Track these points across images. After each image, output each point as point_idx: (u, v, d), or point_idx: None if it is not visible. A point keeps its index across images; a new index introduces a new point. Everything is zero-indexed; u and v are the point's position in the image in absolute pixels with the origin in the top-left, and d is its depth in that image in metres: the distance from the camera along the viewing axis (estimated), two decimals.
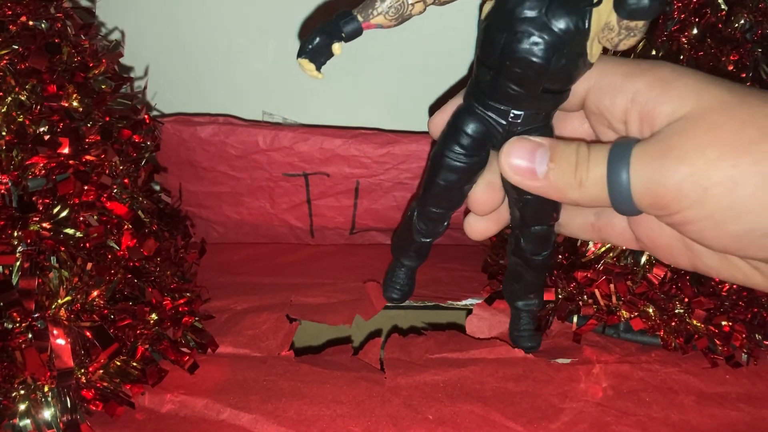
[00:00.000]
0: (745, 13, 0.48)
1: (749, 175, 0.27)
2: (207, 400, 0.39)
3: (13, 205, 0.36)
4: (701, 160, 0.28)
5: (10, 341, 0.35)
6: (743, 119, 0.28)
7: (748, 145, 0.27)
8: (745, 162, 0.27)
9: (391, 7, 0.32)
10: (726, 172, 0.27)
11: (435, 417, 0.37)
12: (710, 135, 0.28)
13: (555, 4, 0.31)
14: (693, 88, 0.29)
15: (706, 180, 0.27)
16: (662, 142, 0.29)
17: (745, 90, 0.29)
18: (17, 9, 0.37)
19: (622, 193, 0.30)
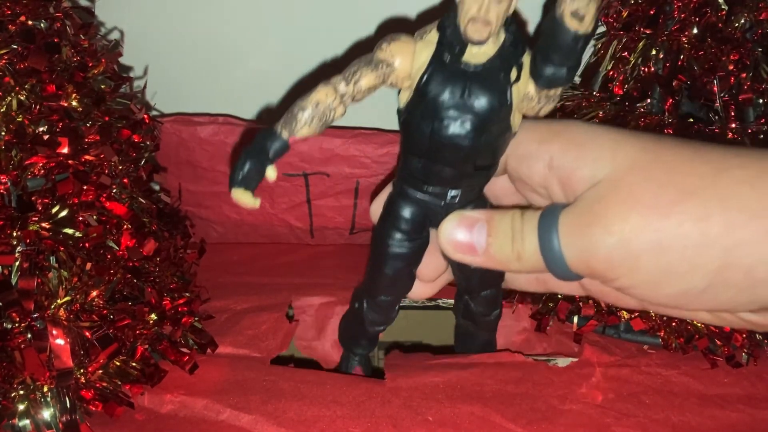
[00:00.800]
0: (745, 13, 0.48)
1: (674, 238, 0.27)
2: (207, 400, 0.39)
3: (12, 204, 0.36)
4: (626, 228, 0.28)
5: (9, 341, 0.35)
6: (660, 180, 0.28)
7: (668, 207, 0.27)
8: (669, 225, 0.27)
9: (313, 117, 0.32)
10: (651, 237, 0.27)
11: (435, 418, 0.37)
12: (631, 200, 0.28)
13: (474, 86, 0.31)
14: (607, 149, 0.29)
15: (635, 247, 0.27)
16: (586, 210, 0.29)
17: (659, 145, 0.29)
18: (16, 9, 0.37)
19: (558, 264, 0.30)
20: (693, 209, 0.27)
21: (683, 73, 0.49)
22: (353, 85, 0.32)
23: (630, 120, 0.50)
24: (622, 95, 0.51)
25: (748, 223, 0.26)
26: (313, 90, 0.32)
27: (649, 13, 0.50)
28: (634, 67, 0.51)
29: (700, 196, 0.27)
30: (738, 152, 0.28)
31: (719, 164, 0.28)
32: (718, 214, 0.27)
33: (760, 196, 0.26)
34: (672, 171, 0.28)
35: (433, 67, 0.31)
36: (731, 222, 0.26)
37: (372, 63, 0.32)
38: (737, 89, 0.48)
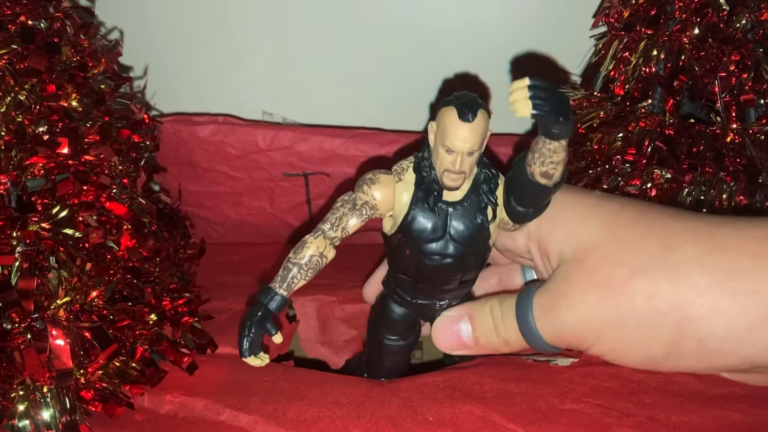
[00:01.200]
0: (746, 13, 0.47)
1: (629, 314, 0.30)
2: (206, 401, 0.39)
3: (12, 205, 0.36)
4: (586, 307, 0.31)
5: (9, 342, 0.35)
6: (615, 260, 0.31)
7: (622, 285, 0.30)
8: (622, 302, 0.30)
9: (308, 270, 0.34)
10: (608, 313, 0.31)
11: (435, 418, 0.37)
12: (589, 280, 0.31)
13: (455, 221, 0.33)
14: (574, 228, 0.33)
15: (596, 323, 0.31)
16: (554, 291, 0.33)
17: (619, 221, 0.32)
18: (16, 8, 0.37)
19: (538, 342, 0.33)
20: (644, 286, 0.30)
21: (684, 73, 0.49)
22: (340, 230, 0.34)
23: (631, 120, 0.50)
24: (623, 95, 0.51)
25: (696, 299, 0.29)
26: (303, 245, 0.34)
27: (650, 13, 0.50)
28: (635, 67, 0.51)
29: (650, 274, 0.30)
30: (693, 226, 0.31)
31: (671, 241, 0.30)
32: (667, 290, 0.29)
33: (707, 273, 0.29)
34: (626, 250, 0.31)
35: (415, 208, 0.33)
36: (680, 298, 0.29)
37: (355, 207, 0.33)
38: (738, 90, 0.48)
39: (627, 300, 0.30)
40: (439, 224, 0.33)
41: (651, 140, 0.48)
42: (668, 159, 0.47)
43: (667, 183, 0.48)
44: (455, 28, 0.61)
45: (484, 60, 0.62)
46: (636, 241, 0.30)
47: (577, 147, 0.52)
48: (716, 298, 0.29)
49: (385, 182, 0.33)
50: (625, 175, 0.49)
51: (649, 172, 0.48)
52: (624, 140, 0.50)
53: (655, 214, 0.32)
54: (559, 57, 0.60)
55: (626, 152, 0.49)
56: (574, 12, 0.59)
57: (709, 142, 0.48)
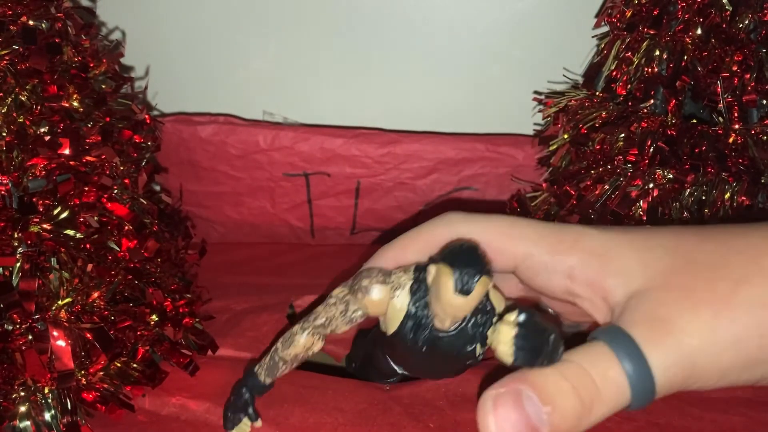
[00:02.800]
0: (749, 14, 0.47)
1: (751, 329, 0.25)
2: (209, 403, 0.39)
3: (13, 206, 0.36)
4: (705, 325, 0.25)
5: (10, 343, 0.35)
6: (708, 276, 0.26)
7: (729, 296, 0.25)
8: (740, 314, 0.25)
9: (294, 363, 0.33)
10: (730, 331, 0.25)
11: (436, 425, 0.37)
12: (691, 298, 0.26)
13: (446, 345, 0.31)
14: (633, 259, 0.27)
15: (716, 347, 0.25)
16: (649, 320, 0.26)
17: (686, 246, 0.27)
18: (17, 9, 0.37)
19: (646, 392, 0.25)
20: (756, 294, 0.25)
21: (687, 73, 0.48)
22: (329, 330, 0.33)
23: (633, 120, 0.50)
24: (625, 96, 0.51)
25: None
26: (292, 341, 0.33)
27: (653, 13, 0.50)
28: (638, 67, 0.50)
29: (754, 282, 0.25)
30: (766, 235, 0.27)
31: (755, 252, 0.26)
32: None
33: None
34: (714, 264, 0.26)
35: (408, 324, 0.31)
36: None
37: (347, 312, 0.32)
38: (741, 90, 0.47)
39: (744, 310, 0.25)
40: (430, 342, 0.31)
41: (653, 141, 0.48)
42: (670, 159, 0.47)
43: (669, 183, 0.48)
44: (456, 27, 0.61)
45: (486, 59, 0.62)
46: (718, 258, 0.26)
47: (579, 147, 0.52)
48: None
49: (379, 296, 0.32)
50: (627, 176, 0.49)
51: (651, 172, 0.48)
52: (626, 140, 0.50)
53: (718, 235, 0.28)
54: (561, 56, 0.60)
55: (628, 152, 0.49)
56: (576, 12, 0.59)
57: (711, 142, 0.47)
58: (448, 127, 0.64)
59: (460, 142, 0.61)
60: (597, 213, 0.50)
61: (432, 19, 0.61)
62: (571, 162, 0.54)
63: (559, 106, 0.55)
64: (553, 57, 0.60)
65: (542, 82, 0.61)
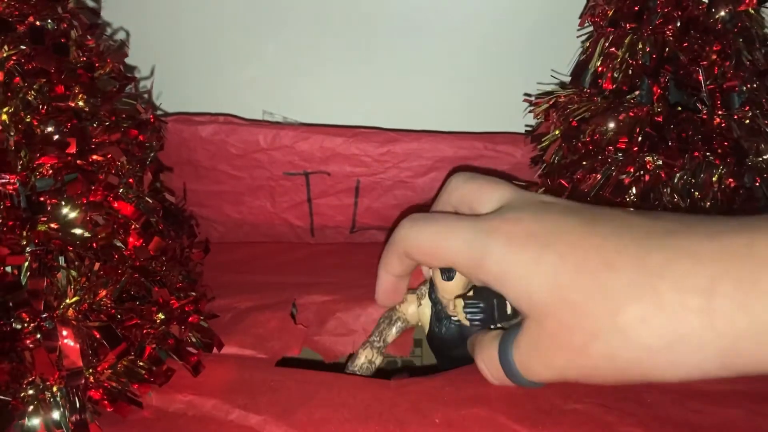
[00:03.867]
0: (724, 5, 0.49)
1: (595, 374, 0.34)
2: (215, 400, 0.39)
3: (21, 205, 0.36)
4: (559, 366, 0.35)
5: (19, 341, 0.35)
6: (569, 324, 0.33)
7: (581, 349, 0.33)
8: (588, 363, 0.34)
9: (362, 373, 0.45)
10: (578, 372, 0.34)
11: (442, 420, 0.37)
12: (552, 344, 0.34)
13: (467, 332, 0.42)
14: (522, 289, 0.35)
15: (568, 376, 0.35)
16: (527, 351, 0.36)
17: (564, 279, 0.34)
18: (24, 8, 0.37)
19: (522, 382, 0.37)
20: (601, 349, 0.33)
21: (669, 63, 0.50)
22: (383, 341, 0.45)
23: (621, 111, 0.51)
24: (612, 89, 0.52)
25: (653, 357, 0.32)
26: (356, 355, 0.45)
27: (633, 9, 0.51)
28: (623, 61, 0.52)
29: (604, 338, 0.32)
30: (633, 281, 0.32)
31: (614, 303, 0.32)
32: (624, 352, 0.32)
33: (657, 336, 0.31)
34: (576, 314, 0.33)
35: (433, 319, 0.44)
36: (637, 358, 0.32)
37: (392, 322, 0.46)
38: (721, 78, 0.49)
39: (592, 363, 0.33)
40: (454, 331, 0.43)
41: (641, 128, 0.49)
42: (659, 145, 0.49)
43: (659, 169, 0.49)
44: (455, 27, 0.61)
45: (484, 59, 0.63)
46: (582, 305, 0.33)
47: (570, 141, 0.53)
48: (669, 357, 0.31)
49: (410, 302, 0.45)
50: (618, 164, 0.50)
51: (641, 159, 0.49)
52: (615, 129, 0.51)
53: (596, 264, 0.33)
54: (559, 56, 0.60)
55: (618, 141, 0.50)
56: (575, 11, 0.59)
57: (696, 127, 0.49)
58: (447, 126, 0.64)
59: (458, 141, 0.62)
60: (591, 202, 0.51)
61: (431, 19, 0.61)
62: (563, 156, 0.54)
63: (549, 103, 0.56)
64: (553, 55, 0.61)
65: (541, 81, 0.62)
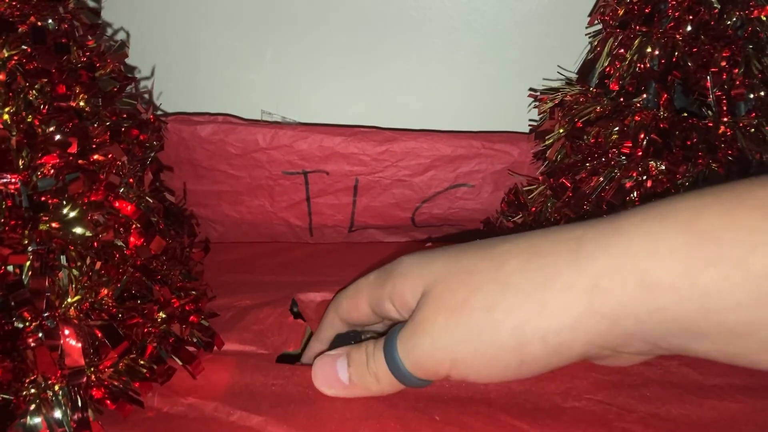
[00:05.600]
0: (736, 11, 0.49)
1: (473, 329, 0.32)
2: (217, 402, 0.39)
3: (23, 205, 0.36)
4: (436, 329, 0.33)
5: (21, 340, 0.35)
6: (454, 284, 0.33)
7: (462, 304, 0.32)
8: (465, 319, 0.32)
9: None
10: (455, 332, 0.32)
11: (442, 418, 0.38)
12: (435, 305, 0.33)
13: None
14: (417, 276, 0.35)
15: (448, 343, 0.33)
16: (410, 322, 0.34)
17: (458, 257, 0.34)
18: (25, 8, 0.37)
19: (405, 375, 0.35)
20: (480, 301, 0.32)
21: (678, 69, 0.50)
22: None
23: (627, 114, 0.51)
24: (618, 91, 0.52)
25: (524, 302, 0.31)
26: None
27: (644, 11, 0.51)
28: (630, 63, 0.52)
29: (484, 289, 0.32)
30: (517, 242, 0.33)
31: (499, 260, 0.33)
32: (501, 300, 0.31)
33: (529, 278, 0.31)
34: (463, 274, 0.33)
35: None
36: (511, 305, 0.31)
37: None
38: (729, 84, 0.49)
39: (468, 316, 0.32)
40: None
41: (646, 133, 0.49)
42: (663, 151, 0.49)
43: (662, 175, 0.49)
44: (454, 27, 0.62)
45: (482, 58, 0.63)
46: (470, 266, 0.33)
47: (574, 141, 0.53)
48: (543, 298, 0.31)
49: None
50: (622, 168, 0.50)
51: (644, 164, 0.49)
52: (620, 133, 0.51)
53: (487, 244, 0.34)
54: (556, 55, 0.61)
55: (622, 145, 0.50)
56: (570, 11, 0.60)
57: (701, 134, 0.49)
58: (445, 125, 0.65)
59: (456, 140, 0.62)
60: (592, 204, 0.51)
61: (429, 19, 0.61)
62: (566, 155, 0.55)
63: (554, 101, 0.57)
64: (549, 56, 0.61)
65: (537, 80, 0.62)
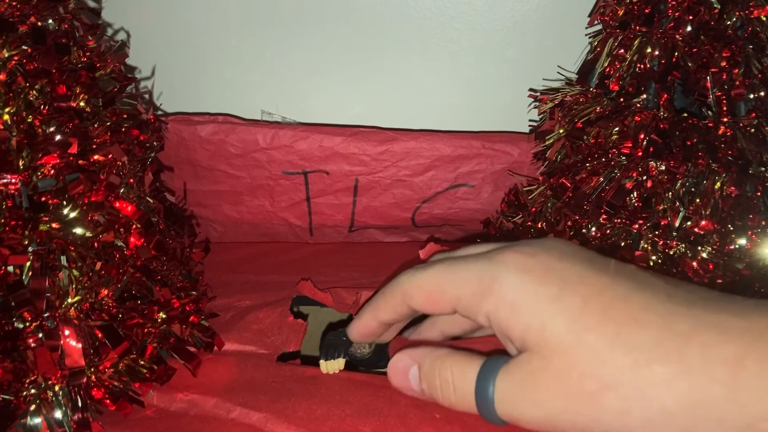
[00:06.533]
0: (736, 11, 0.49)
1: (599, 425, 0.30)
2: (217, 399, 0.39)
3: (24, 205, 0.36)
4: (554, 409, 0.30)
5: (21, 341, 0.35)
6: (583, 369, 0.30)
7: (592, 397, 0.30)
8: (593, 413, 0.30)
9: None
10: (574, 419, 0.30)
11: (442, 416, 0.38)
12: (557, 384, 0.30)
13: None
14: (536, 321, 0.31)
15: (561, 424, 0.30)
16: (519, 380, 0.32)
17: (587, 321, 0.31)
18: (25, 9, 0.37)
19: (491, 413, 0.32)
20: (615, 403, 0.29)
21: (677, 69, 0.50)
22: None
23: (627, 115, 0.51)
24: (618, 91, 0.52)
25: (669, 422, 0.29)
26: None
27: (644, 11, 0.51)
28: (630, 63, 0.52)
29: (620, 392, 0.29)
30: (661, 340, 0.30)
31: (639, 357, 0.29)
32: (638, 411, 0.29)
33: (678, 399, 0.28)
34: (593, 360, 0.30)
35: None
36: (651, 421, 0.29)
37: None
38: (729, 85, 0.49)
39: (599, 412, 0.30)
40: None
41: (646, 134, 0.49)
42: (663, 152, 0.49)
43: (662, 175, 0.49)
44: (454, 27, 0.62)
45: (482, 58, 0.63)
46: (603, 351, 0.30)
47: (574, 141, 0.53)
48: (686, 423, 0.29)
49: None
50: (622, 168, 0.50)
51: (644, 164, 0.49)
52: (620, 134, 0.51)
53: (622, 314, 0.31)
54: (555, 55, 0.61)
55: (622, 145, 0.50)
56: (569, 11, 0.60)
57: (701, 135, 0.49)
58: (445, 125, 0.65)
59: (456, 140, 0.62)
60: (592, 204, 0.51)
61: (429, 19, 0.61)
62: (566, 156, 0.55)
63: (554, 102, 0.57)
64: (549, 56, 0.61)
65: (537, 80, 0.62)
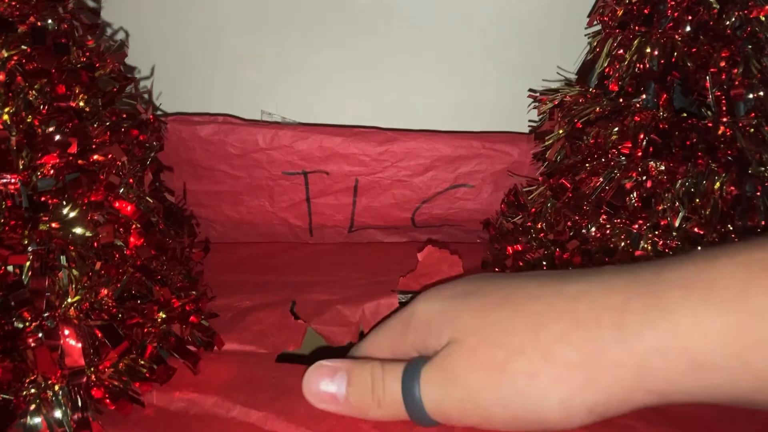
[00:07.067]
0: (735, 11, 0.49)
1: (513, 393, 0.31)
2: (216, 397, 0.39)
3: (23, 205, 0.36)
4: (473, 384, 0.32)
5: (21, 341, 0.35)
6: (492, 341, 0.32)
7: (502, 365, 0.31)
8: (506, 381, 0.31)
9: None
10: (494, 392, 0.32)
11: None
12: (471, 359, 0.32)
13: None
14: (447, 321, 0.34)
15: (484, 400, 0.32)
16: (439, 366, 0.33)
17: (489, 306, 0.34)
18: (24, 8, 0.37)
19: (418, 411, 0.34)
20: (523, 365, 0.31)
21: (677, 69, 0.50)
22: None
23: (626, 115, 0.51)
24: (618, 91, 0.52)
25: (571, 375, 0.30)
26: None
27: (643, 11, 0.51)
28: (630, 64, 0.52)
29: (526, 354, 0.31)
30: (552, 304, 0.32)
31: (536, 322, 0.32)
32: (544, 369, 0.31)
33: (575, 349, 0.31)
34: (499, 332, 0.32)
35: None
36: (556, 377, 0.31)
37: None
38: (728, 85, 0.49)
39: (510, 380, 0.31)
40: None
41: (646, 134, 0.49)
42: (663, 152, 0.49)
43: (662, 175, 0.49)
44: (454, 27, 0.62)
45: (481, 58, 0.63)
46: (506, 324, 0.32)
47: (574, 142, 0.53)
48: (590, 373, 0.30)
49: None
50: (621, 168, 0.50)
51: (644, 164, 0.49)
52: (620, 134, 0.51)
53: (520, 296, 0.33)
54: (555, 55, 0.61)
55: (622, 145, 0.50)
56: (569, 11, 0.60)
57: (701, 135, 0.49)
58: (445, 125, 0.65)
59: (456, 140, 0.62)
60: (592, 205, 0.51)
61: (428, 19, 0.62)
62: (566, 156, 0.55)
63: (554, 102, 0.57)
64: (548, 56, 0.61)
65: (536, 81, 0.62)
